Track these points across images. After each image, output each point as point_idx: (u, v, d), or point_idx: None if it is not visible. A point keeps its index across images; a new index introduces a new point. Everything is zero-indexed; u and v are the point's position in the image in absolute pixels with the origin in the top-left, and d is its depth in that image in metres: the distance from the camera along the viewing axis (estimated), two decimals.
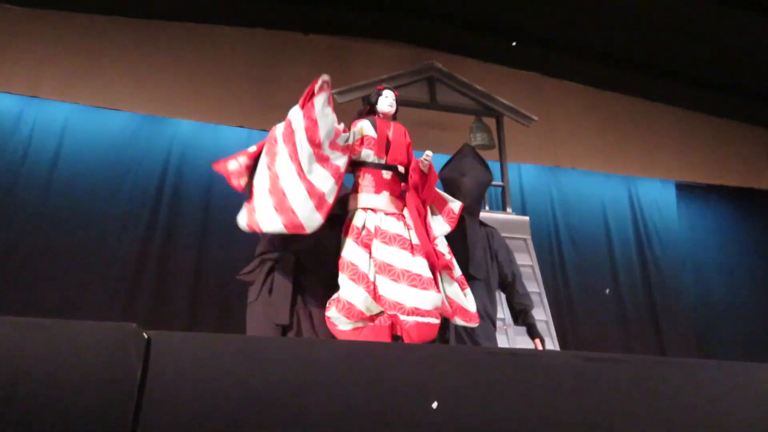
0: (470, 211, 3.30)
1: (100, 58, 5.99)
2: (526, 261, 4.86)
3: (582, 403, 1.49)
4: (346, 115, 5.45)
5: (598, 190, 7.37)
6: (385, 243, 2.70)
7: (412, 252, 2.71)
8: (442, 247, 2.91)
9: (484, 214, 4.90)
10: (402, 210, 2.90)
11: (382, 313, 2.64)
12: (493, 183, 5.49)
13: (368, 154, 2.94)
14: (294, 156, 2.61)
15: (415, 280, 2.59)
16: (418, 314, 2.55)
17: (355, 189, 2.95)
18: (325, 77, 2.71)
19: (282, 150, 2.64)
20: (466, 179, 3.33)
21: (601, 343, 6.41)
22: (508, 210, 5.16)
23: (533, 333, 3.24)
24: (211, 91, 6.21)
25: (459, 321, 2.87)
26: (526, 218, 5.14)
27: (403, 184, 3.03)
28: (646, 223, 7.36)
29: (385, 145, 2.98)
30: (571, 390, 1.50)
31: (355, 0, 6.47)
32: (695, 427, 1.56)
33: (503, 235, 3.72)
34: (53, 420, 1.14)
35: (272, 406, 1.29)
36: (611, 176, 7.38)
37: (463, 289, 2.90)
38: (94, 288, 5.38)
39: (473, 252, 3.23)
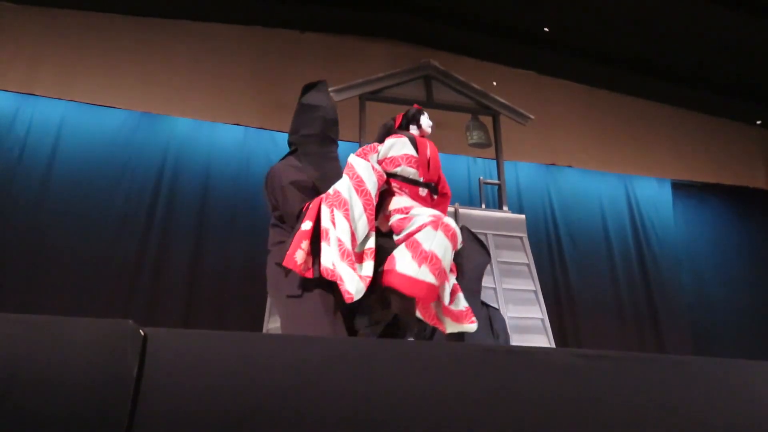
0: (471, 291, 3.48)
1: (96, 56, 5.98)
2: (522, 259, 4.87)
3: (577, 400, 1.50)
4: (343, 115, 5.49)
5: (595, 188, 7.39)
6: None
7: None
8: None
9: (481, 212, 4.96)
10: None
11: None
12: (490, 181, 5.53)
13: (410, 172, 2.93)
14: (370, 207, 2.62)
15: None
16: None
17: (392, 193, 2.93)
18: None
19: (356, 202, 2.60)
20: (465, 262, 3.60)
21: (599, 339, 6.44)
22: (505, 208, 5.17)
23: None
24: (208, 89, 6.21)
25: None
26: (522, 216, 5.15)
27: (435, 197, 3.05)
28: (644, 221, 7.38)
29: (426, 165, 2.99)
30: (566, 387, 1.50)
31: None
32: (690, 424, 1.56)
33: (499, 232, 3.79)
34: (47, 418, 1.14)
35: (270, 404, 1.29)
36: (608, 174, 7.40)
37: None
38: (90, 285, 5.37)
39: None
